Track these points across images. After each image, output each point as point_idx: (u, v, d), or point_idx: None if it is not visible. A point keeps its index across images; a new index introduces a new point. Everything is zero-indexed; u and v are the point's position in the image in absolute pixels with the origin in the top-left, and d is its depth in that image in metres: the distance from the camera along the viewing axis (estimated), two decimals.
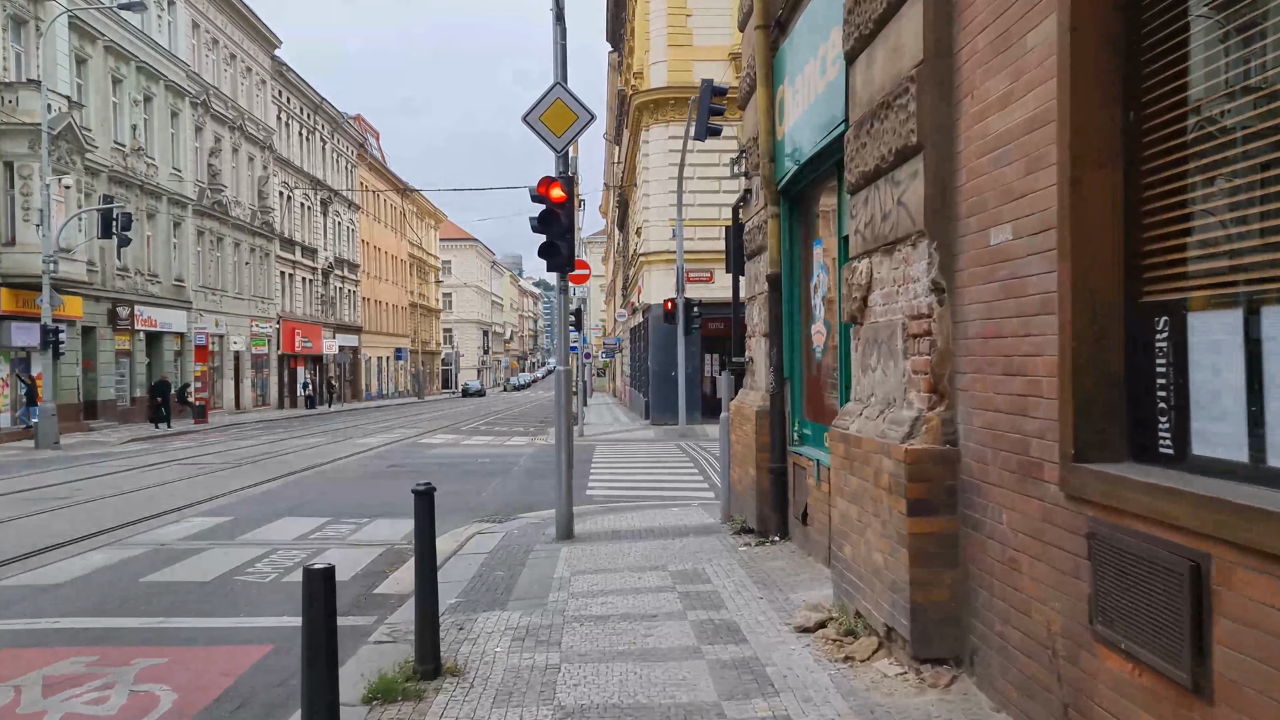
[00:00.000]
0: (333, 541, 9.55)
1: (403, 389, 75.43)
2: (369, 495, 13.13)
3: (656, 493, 13.71)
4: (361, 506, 11.94)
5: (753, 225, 8.89)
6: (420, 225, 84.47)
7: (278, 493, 13.47)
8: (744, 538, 8.56)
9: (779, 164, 8.02)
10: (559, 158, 9.14)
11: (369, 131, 72.50)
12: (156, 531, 10.11)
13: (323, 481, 14.86)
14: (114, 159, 31.95)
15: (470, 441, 24.81)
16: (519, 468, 17.25)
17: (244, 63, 44.68)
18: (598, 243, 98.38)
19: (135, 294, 33.33)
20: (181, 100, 37.42)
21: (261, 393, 46.97)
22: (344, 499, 12.78)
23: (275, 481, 14.80)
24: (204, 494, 13.16)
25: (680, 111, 26.63)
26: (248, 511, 11.48)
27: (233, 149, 42.88)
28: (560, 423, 9.24)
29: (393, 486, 14.08)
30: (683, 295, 24.45)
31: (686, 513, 11.00)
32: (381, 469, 16.96)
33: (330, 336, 55.76)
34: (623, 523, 10.31)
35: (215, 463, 18.18)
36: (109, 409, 31.65)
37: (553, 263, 9.13)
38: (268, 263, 47.32)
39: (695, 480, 15.26)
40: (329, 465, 17.55)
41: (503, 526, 10.32)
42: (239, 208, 43.19)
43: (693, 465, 17.34)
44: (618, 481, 15.07)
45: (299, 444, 23.76)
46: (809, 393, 7.99)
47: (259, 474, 15.87)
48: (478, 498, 13.08)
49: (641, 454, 19.84)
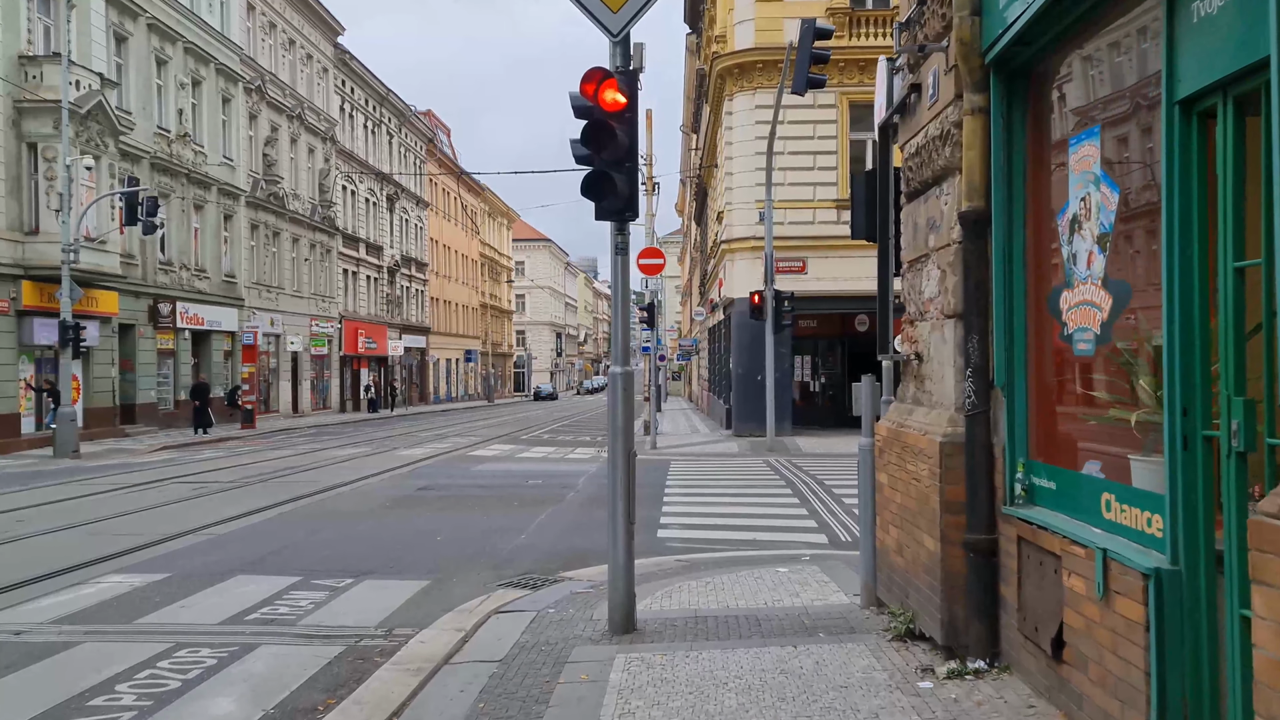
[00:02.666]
0: (277, 627, 6.42)
1: (472, 392, 73.25)
2: (370, 537, 10.07)
3: (749, 533, 10.36)
4: (352, 557, 8.87)
5: (926, 140, 5.48)
6: (492, 225, 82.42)
7: (259, 530, 10.49)
8: (917, 653, 5.17)
9: (990, 17, 4.62)
10: (616, 47, 5.89)
11: (439, 127, 70.53)
12: (37, 603, 7.11)
13: (324, 513, 11.87)
14: (157, 144, 29.84)
15: (528, 454, 21.76)
16: (577, 491, 14.07)
17: (304, 49, 42.63)
18: (674, 242, 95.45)
19: (180, 290, 31.20)
20: (234, 85, 35.33)
21: (322, 395, 44.88)
22: (336, 542, 9.74)
23: (270, 511, 11.87)
24: (166, 531, 10.25)
25: (769, 76, 23.21)
26: (196, 565, 8.48)
27: (291, 139, 40.80)
28: (616, 453, 5.99)
29: (406, 523, 11.02)
30: (772, 287, 21.01)
31: (800, 576, 7.66)
32: (408, 493, 13.95)
33: (396, 337, 53.61)
34: (709, 598, 7.01)
35: (223, 481, 15.41)
36: (149, 413, 29.52)
37: (604, 205, 5.90)
38: (329, 259, 45.23)
39: (796, 513, 11.87)
40: (348, 487, 14.61)
41: (536, 600, 7.11)
42: (297, 201, 41.09)
43: (789, 491, 13.94)
44: (697, 513, 11.78)
45: (335, 455, 21.03)
46: (1042, 415, 4.58)
47: (259, 499, 12.99)
48: (516, 539, 9.91)
49: (725, 474, 16.49)
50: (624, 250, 6.05)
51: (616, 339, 6.06)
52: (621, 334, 6.06)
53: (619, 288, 6.08)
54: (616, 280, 6.10)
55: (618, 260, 6.06)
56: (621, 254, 6.03)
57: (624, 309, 6.08)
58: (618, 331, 6.06)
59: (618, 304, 6.06)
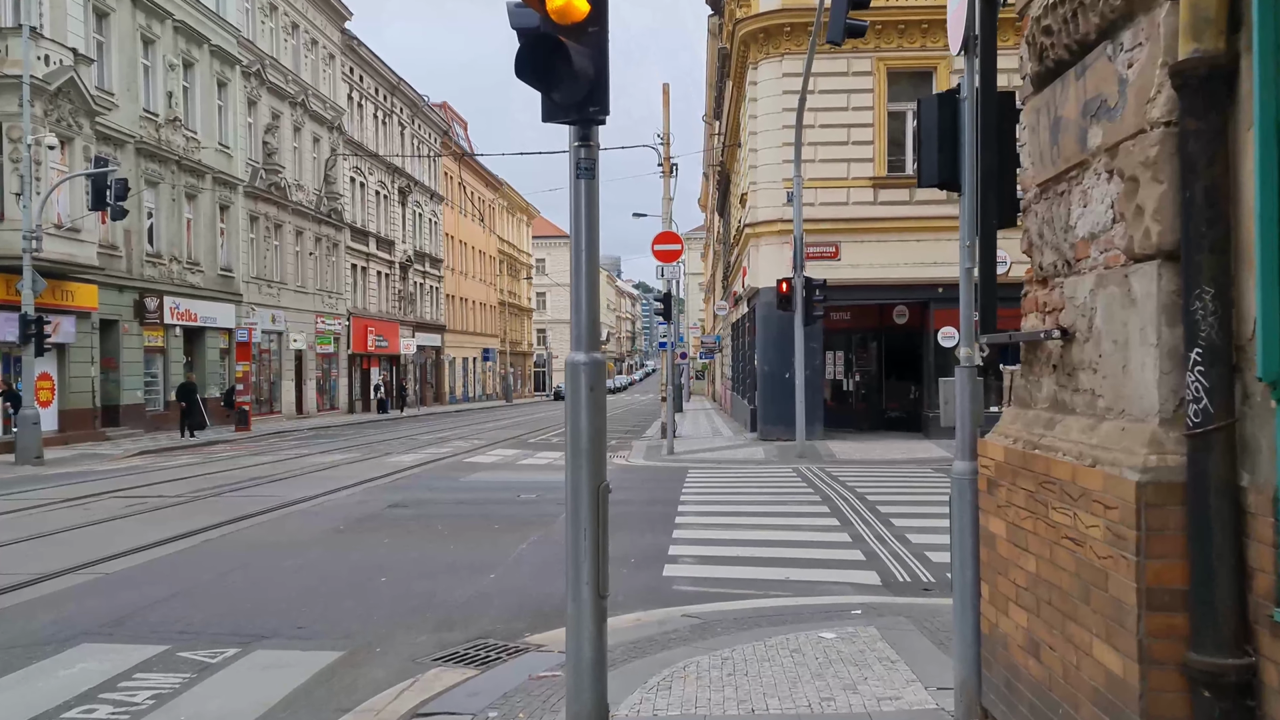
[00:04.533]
0: None
1: (490, 391, 71.33)
2: (294, 578, 7.95)
3: (780, 568, 8.16)
4: (255, 609, 6.76)
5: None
6: (511, 221, 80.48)
7: (160, 568, 8.39)
8: None
9: None
10: None
11: (455, 120, 68.67)
12: None
13: (257, 541, 9.75)
14: (144, 128, 28.00)
15: (531, 460, 19.65)
16: None
17: (308, 34, 40.77)
18: (697, 238, 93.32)
19: (169, 284, 29.35)
20: (230, 69, 33.48)
21: (330, 396, 43.04)
22: (246, 587, 7.63)
23: (195, 538, 9.79)
24: (47, 566, 8.18)
25: (797, 41, 20.96)
26: (39, 625, 6.38)
27: (294, 127, 38.94)
28: (580, 489, 3.82)
29: (350, 556, 8.91)
30: (801, 273, 18.77)
31: (854, 648, 5.49)
32: (374, 511, 11.84)
33: (409, 335, 51.71)
34: (727, 691, 4.84)
35: (170, 496, 13.38)
36: (135, 414, 27.68)
37: (556, 97, 3.74)
38: (336, 254, 43.38)
39: (836, 539, 9.65)
40: (308, 504, 12.53)
41: (477, 691, 4.96)
42: (301, 192, 39.22)
43: (825, 509, 11.72)
44: (715, 540, 9.58)
45: (318, 462, 19.02)
46: None
47: (194, 520, 10.93)
48: (481, 580, 7.77)
49: (750, 486, 14.29)
50: (589, 170, 3.88)
51: (580, 309, 3.91)
52: (587, 301, 3.90)
53: (582, 229, 3.91)
54: (579, 217, 3.92)
55: (580, 187, 3.89)
56: (586, 175, 3.87)
57: (590, 263, 3.91)
58: (581, 297, 3.91)
59: (580, 255, 3.90)
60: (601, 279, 22.11)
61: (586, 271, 3.87)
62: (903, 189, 21.34)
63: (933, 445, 20.07)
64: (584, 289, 3.87)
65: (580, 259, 3.88)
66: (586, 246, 3.86)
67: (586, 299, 3.87)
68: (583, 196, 3.87)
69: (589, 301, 3.87)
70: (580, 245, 3.87)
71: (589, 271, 3.87)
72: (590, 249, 3.87)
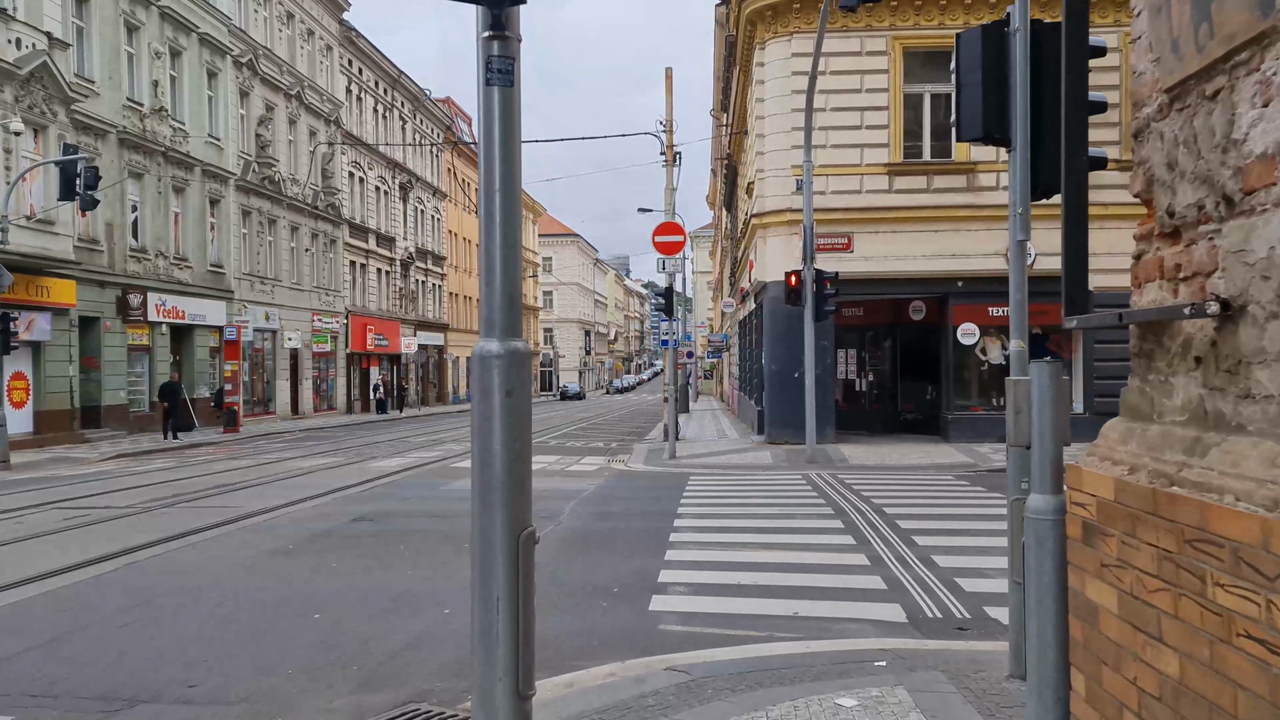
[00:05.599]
0: None
1: None
2: (210, 617, 6.74)
3: (787, 604, 6.91)
4: (134, 664, 5.54)
5: None
6: None
7: (47, 606, 7.16)
8: None
9: None
10: None
11: (458, 115, 67.52)
12: None
13: (185, 567, 8.51)
14: (127, 118, 26.89)
15: None
16: (557, 525, 10.70)
17: (304, 24, 39.64)
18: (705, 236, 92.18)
19: (155, 280, 28.23)
20: (221, 58, 32.37)
21: (327, 396, 41.92)
22: (149, 628, 6.43)
23: (118, 561, 8.60)
24: None
25: (807, 18, 19.69)
26: None
27: (289, 120, 37.82)
28: (492, 541, 2.59)
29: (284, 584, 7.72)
30: (811, 266, 17.52)
31: None
32: (332, 526, 10.62)
33: (410, 334, 50.57)
34: None
35: (120, 506, 12.21)
36: (118, 415, 26.58)
37: None
38: (334, 250, 42.25)
39: (852, 562, 8.41)
40: (264, 517, 11.32)
41: None
42: (296, 186, 38.10)
43: (839, 523, 10.48)
44: (713, 563, 8.35)
45: (296, 467, 17.86)
46: None
47: (134, 537, 9.77)
48: (430, 617, 6.55)
49: (755, 495, 13.05)
50: (505, 75, 2.66)
51: (493, 273, 2.70)
52: (503, 263, 2.69)
53: (495, 157, 2.70)
54: (491, 141, 2.71)
55: (493, 98, 2.68)
56: (501, 81, 2.65)
57: (507, 208, 2.70)
58: (495, 257, 2.70)
59: (493, 197, 2.69)
60: (609, 278, 20.11)
61: (502, 220, 2.66)
62: (920, 176, 20.06)
63: (952, 449, 18.78)
64: (499, 246, 2.67)
65: (494, 202, 2.66)
66: (502, 183, 2.65)
67: (503, 260, 2.66)
68: (496, 111, 2.66)
69: (506, 264, 2.67)
70: (493, 181, 2.66)
71: (505, 219, 2.66)
72: (507, 186, 2.66)
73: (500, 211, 2.65)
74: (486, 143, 2.68)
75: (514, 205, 2.65)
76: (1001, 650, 5.54)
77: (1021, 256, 4.96)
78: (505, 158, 2.65)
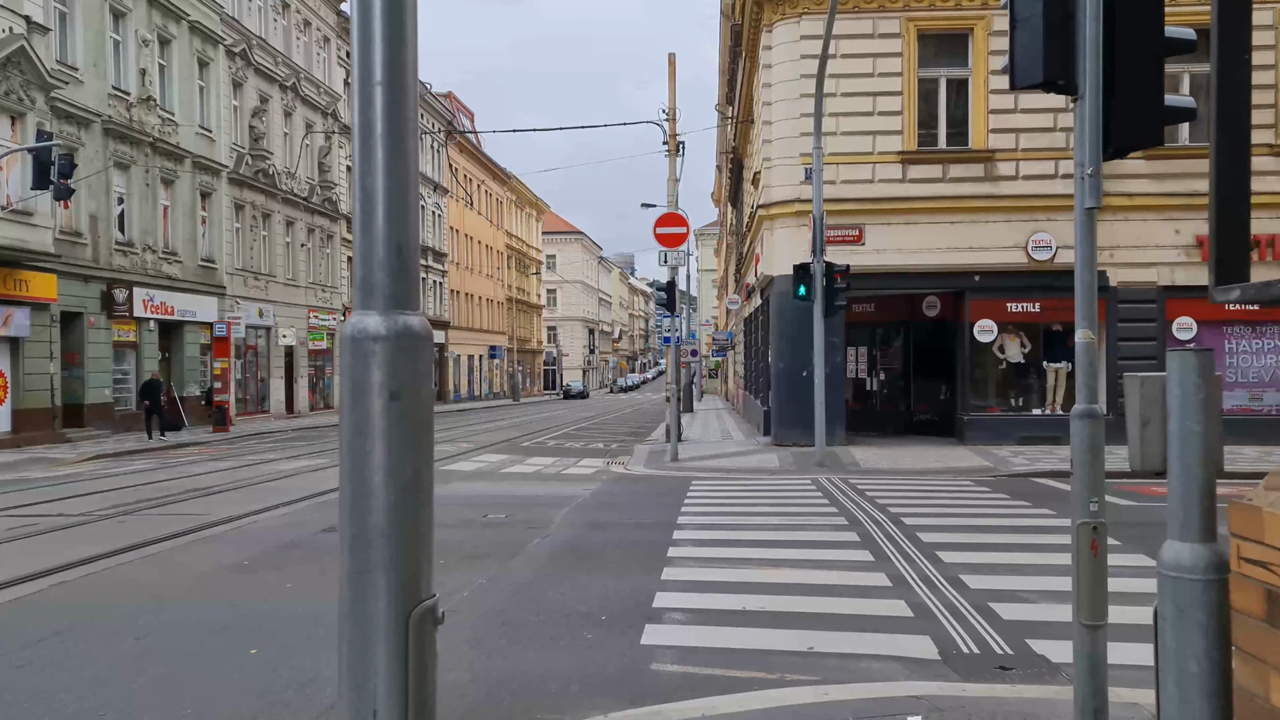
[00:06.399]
0: None
1: (498, 389, 69.32)
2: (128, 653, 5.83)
3: (800, 636, 5.98)
4: None
5: None
6: (520, 215, 78.43)
7: None
8: None
9: None
10: None
11: (461, 111, 66.65)
12: None
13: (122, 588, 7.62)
14: (113, 107, 26.03)
15: (518, 468, 17.55)
16: (547, 536, 9.79)
17: (300, 14, 38.77)
18: (710, 234, 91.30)
19: (142, 274, 27.38)
20: (213, 48, 31.49)
21: (323, 394, 41.07)
22: (48, 671, 5.50)
23: (49, 579, 7.69)
24: None
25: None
26: None
27: (284, 112, 36.96)
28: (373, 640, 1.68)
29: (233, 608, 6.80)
30: (821, 258, 16.58)
31: None
32: (299, 538, 9.71)
33: None
34: None
35: (71, 515, 11.30)
36: (102, 413, 25.73)
37: None
38: (331, 245, 41.42)
39: (872, 582, 7.48)
40: (228, 526, 10.42)
41: None
42: (291, 180, 37.24)
43: (854, 535, 9.55)
44: (716, 584, 7.42)
45: (277, 470, 17.01)
46: None
47: (79, 549, 8.89)
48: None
49: (762, 503, 12.13)
50: None
51: (373, 211, 1.76)
52: (386, 195, 1.76)
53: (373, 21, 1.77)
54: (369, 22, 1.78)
55: None
56: None
57: (395, 105, 1.76)
58: (376, 186, 1.77)
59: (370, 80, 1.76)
60: (614, 275, 18.82)
61: (385, 131, 1.75)
62: (935, 165, 19.11)
63: (969, 452, 17.83)
64: (380, 173, 1.76)
65: (373, 106, 1.75)
66: (385, 73, 1.74)
67: (386, 193, 1.76)
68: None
69: (391, 199, 1.75)
70: (372, 71, 1.75)
71: (390, 130, 1.75)
72: (394, 78, 1.74)
73: (383, 120, 1.75)
74: (363, 14, 1.78)
75: (404, 109, 1.75)
76: (1061, 701, 4.62)
77: (1090, 226, 4.03)
78: (390, 36, 1.74)
